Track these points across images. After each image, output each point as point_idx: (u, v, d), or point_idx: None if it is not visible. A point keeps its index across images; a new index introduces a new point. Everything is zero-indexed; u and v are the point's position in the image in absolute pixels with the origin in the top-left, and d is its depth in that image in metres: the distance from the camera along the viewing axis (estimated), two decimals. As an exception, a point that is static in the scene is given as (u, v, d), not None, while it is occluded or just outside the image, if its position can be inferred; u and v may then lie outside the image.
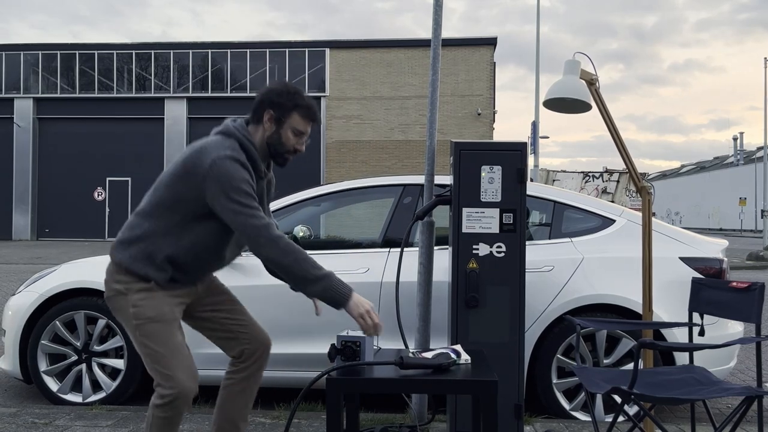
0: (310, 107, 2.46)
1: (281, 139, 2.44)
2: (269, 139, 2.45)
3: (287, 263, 2.26)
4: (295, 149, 2.48)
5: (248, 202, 2.29)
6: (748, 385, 3.76)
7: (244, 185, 2.29)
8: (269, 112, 2.43)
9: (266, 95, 2.45)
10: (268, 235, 2.27)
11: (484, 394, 2.12)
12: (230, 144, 2.37)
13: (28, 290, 4.25)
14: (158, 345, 2.34)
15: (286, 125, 2.44)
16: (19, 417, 3.66)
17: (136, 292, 2.37)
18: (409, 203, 4.21)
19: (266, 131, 2.45)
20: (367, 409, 4.27)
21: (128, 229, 2.43)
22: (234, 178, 2.28)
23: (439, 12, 3.70)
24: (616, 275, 3.90)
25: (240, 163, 2.32)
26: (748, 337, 2.62)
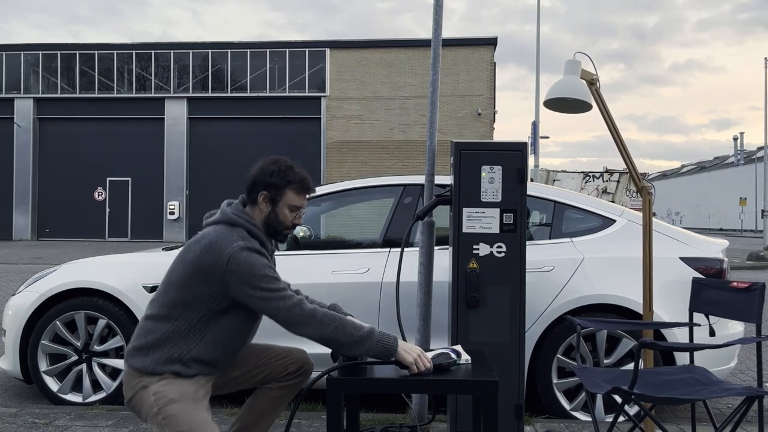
0: (303, 180, 2.45)
1: (279, 217, 2.44)
2: (267, 219, 2.44)
3: (329, 334, 2.23)
4: (293, 224, 2.47)
5: (275, 286, 2.26)
6: (749, 385, 3.76)
7: (267, 270, 2.27)
8: (263, 193, 2.42)
9: (258, 177, 2.42)
10: (302, 312, 2.24)
11: (484, 394, 2.12)
12: (239, 233, 2.35)
13: (28, 290, 4.25)
14: (181, 424, 2.22)
15: (282, 203, 2.43)
16: (19, 417, 3.66)
17: (157, 382, 2.29)
18: (410, 203, 4.21)
19: (263, 212, 2.44)
20: (368, 409, 4.27)
21: (143, 335, 2.34)
22: (255, 267, 2.25)
23: (440, 12, 3.70)
24: (617, 275, 3.90)
25: (256, 251, 2.30)
26: (748, 337, 2.62)
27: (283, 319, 2.24)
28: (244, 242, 2.29)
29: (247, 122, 26.91)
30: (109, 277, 4.12)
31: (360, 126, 26.73)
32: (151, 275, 4.09)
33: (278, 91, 26.89)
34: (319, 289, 3.99)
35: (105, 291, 4.09)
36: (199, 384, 2.33)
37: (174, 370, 2.29)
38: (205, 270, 2.27)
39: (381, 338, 2.23)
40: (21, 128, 27.36)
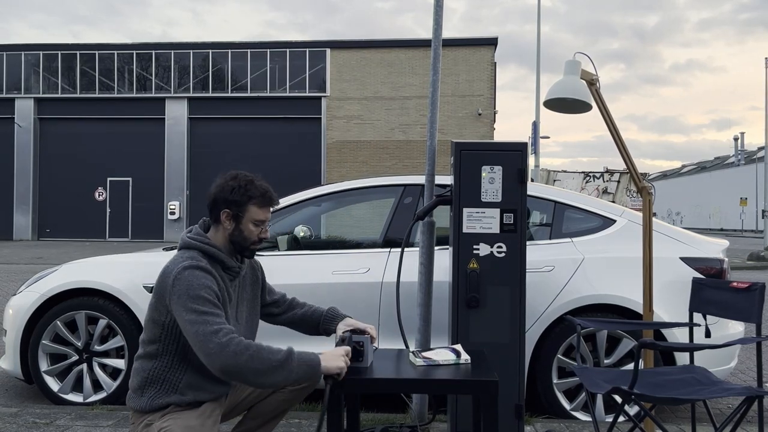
0: (265, 193, 2.38)
1: (244, 234, 2.38)
2: (231, 236, 2.38)
3: (242, 363, 2.07)
4: (260, 238, 2.41)
5: (206, 308, 2.16)
6: (749, 385, 3.76)
7: (204, 291, 2.18)
8: (225, 211, 2.36)
9: (218, 195, 2.37)
10: (218, 340, 2.09)
11: (484, 395, 2.12)
12: (189, 255, 2.30)
13: (29, 290, 4.25)
14: None
15: (245, 219, 2.37)
16: (20, 417, 3.66)
17: (160, 418, 2.25)
18: (410, 203, 4.21)
19: (227, 230, 2.38)
20: (368, 409, 4.27)
21: (135, 375, 2.34)
22: (192, 287, 2.18)
23: (440, 12, 3.70)
24: (617, 275, 3.90)
25: (201, 269, 2.24)
26: (748, 337, 2.62)
27: (197, 346, 2.12)
28: (189, 261, 2.25)
29: (248, 122, 26.91)
30: (110, 277, 4.13)
31: (360, 126, 26.73)
32: (151, 275, 4.10)
33: (279, 91, 26.90)
34: (320, 290, 3.99)
35: (105, 291, 4.10)
36: (204, 415, 2.28)
37: (172, 401, 2.26)
38: (159, 297, 2.26)
39: (302, 357, 2.13)
40: (22, 128, 27.37)
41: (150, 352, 2.31)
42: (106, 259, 4.36)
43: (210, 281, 2.23)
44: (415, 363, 2.33)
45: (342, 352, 2.18)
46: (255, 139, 26.81)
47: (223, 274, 2.36)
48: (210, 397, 2.34)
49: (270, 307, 2.71)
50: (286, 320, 2.72)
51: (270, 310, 2.71)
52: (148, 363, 2.31)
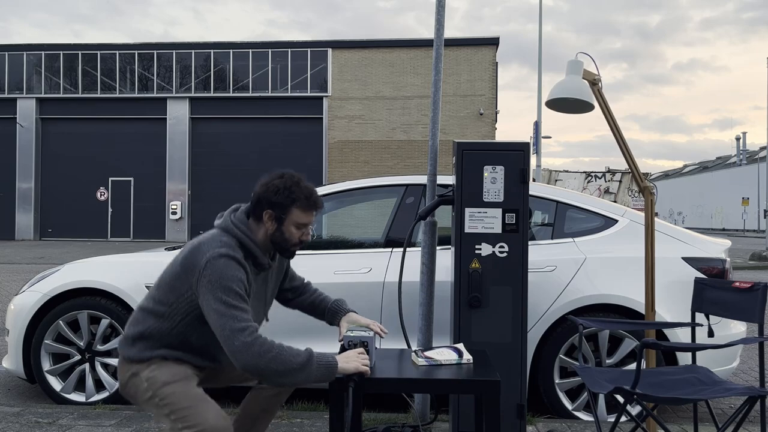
0: (310, 197, 2.35)
1: (285, 235, 2.35)
2: (272, 237, 2.36)
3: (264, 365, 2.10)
4: (300, 241, 2.39)
5: (235, 302, 2.17)
6: (751, 385, 3.75)
7: (235, 285, 2.19)
8: (268, 212, 2.33)
9: (263, 194, 2.34)
10: (243, 341, 2.12)
11: (486, 394, 2.12)
12: (227, 241, 2.28)
13: (31, 290, 4.26)
14: (180, 402, 2.22)
15: (288, 222, 2.34)
16: (22, 416, 3.67)
17: (145, 369, 2.29)
18: (412, 203, 4.21)
19: (268, 230, 2.35)
20: (370, 408, 4.27)
21: (133, 324, 2.35)
22: (225, 277, 2.18)
23: (442, 12, 3.70)
24: (619, 275, 3.90)
25: (236, 261, 2.23)
26: (750, 337, 2.62)
27: (223, 340, 2.14)
28: (226, 250, 2.23)
29: (249, 122, 26.92)
30: (112, 277, 4.13)
31: (362, 126, 26.74)
32: (153, 275, 4.10)
33: (280, 91, 26.91)
34: (322, 289, 4.00)
35: (108, 291, 4.10)
36: (187, 367, 2.34)
37: (160, 354, 2.31)
38: (186, 270, 2.25)
39: (321, 359, 2.15)
40: (23, 128, 27.40)
41: (156, 311, 2.31)
42: (108, 258, 4.36)
43: (242, 274, 2.23)
44: (417, 363, 2.34)
45: (356, 354, 2.20)
46: (257, 139, 26.82)
47: (252, 268, 2.35)
48: (196, 364, 2.38)
49: (286, 292, 2.75)
50: (296, 305, 2.76)
51: (285, 294, 2.75)
52: (150, 319, 2.32)
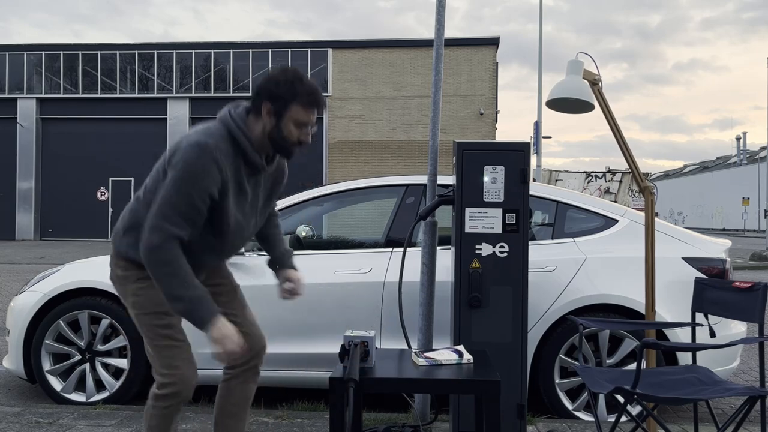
0: (312, 93, 2.24)
1: (283, 133, 2.24)
2: (270, 133, 2.25)
3: (156, 276, 2.14)
4: (299, 141, 2.28)
5: (181, 200, 2.14)
6: (751, 385, 3.75)
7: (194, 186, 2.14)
8: (267, 105, 2.23)
9: (263, 86, 2.24)
10: (157, 240, 2.12)
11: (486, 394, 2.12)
12: (215, 130, 2.22)
13: (31, 290, 4.26)
14: (155, 339, 2.29)
15: (287, 118, 2.23)
16: (22, 416, 3.67)
17: (134, 281, 2.32)
18: (412, 203, 4.22)
19: (266, 125, 2.25)
20: (370, 408, 4.28)
21: (126, 214, 2.36)
22: (190, 172, 2.13)
23: (442, 12, 3.70)
24: (619, 275, 3.90)
25: (210, 155, 2.15)
26: (751, 337, 2.62)
27: (146, 225, 2.15)
28: (206, 138, 2.17)
29: (250, 122, 26.92)
30: (113, 277, 4.13)
31: (362, 126, 26.74)
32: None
33: (280, 91, 26.90)
34: (322, 289, 4.00)
35: (108, 291, 4.10)
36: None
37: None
38: (171, 152, 2.23)
39: (197, 309, 2.14)
40: (24, 128, 27.41)
41: (145, 199, 2.29)
42: (108, 259, 4.36)
43: (211, 177, 2.16)
44: (418, 363, 2.34)
45: (230, 333, 2.16)
46: (257, 139, 26.81)
47: (242, 166, 2.27)
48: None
49: None
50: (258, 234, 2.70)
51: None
52: (141, 208, 2.30)
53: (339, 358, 2.27)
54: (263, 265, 4.07)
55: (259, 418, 3.68)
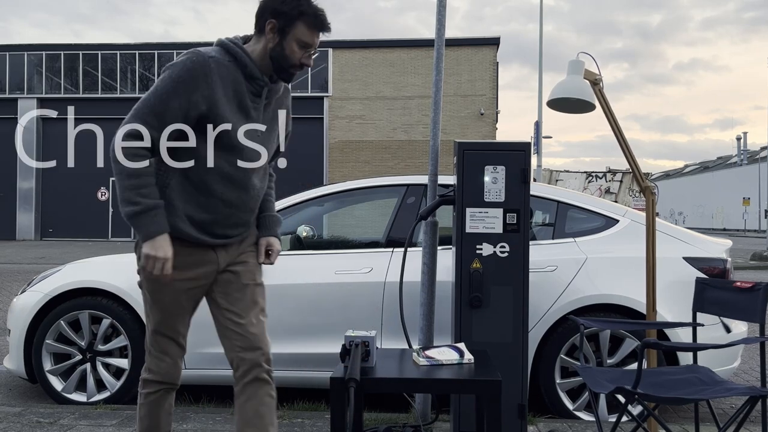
0: (317, 14, 2.18)
1: (285, 52, 2.18)
2: (272, 51, 2.19)
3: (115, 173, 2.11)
4: (301, 63, 2.21)
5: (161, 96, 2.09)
6: (752, 385, 3.75)
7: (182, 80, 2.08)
8: (271, 21, 2.17)
9: (268, 3, 2.18)
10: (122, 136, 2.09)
11: (487, 394, 2.12)
12: (212, 48, 2.18)
13: (32, 290, 4.26)
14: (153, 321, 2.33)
15: (290, 36, 2.17)
16: (23, 416, 3.67)
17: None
18: (413, 203, 4.21)
19: (269, 43, 2.18)
20: (371, 408, 4.28)
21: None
22: (177, 67, 2.10)
23: (443, 12, 3.70)
24: (620, 275, 3.90)
25: (201, 58, 2.11)
26: (752, 337, 2.62)
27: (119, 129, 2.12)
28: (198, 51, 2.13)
29: (250, 122, 26.92)
30: (113, 277, 4.13)
31: (362, 126, 26.74)
32: (154, 275, 4.10)
33: (281, 91, 26.92)
34: (323, 289, 3.99)
35: (109, 291, 4.10)
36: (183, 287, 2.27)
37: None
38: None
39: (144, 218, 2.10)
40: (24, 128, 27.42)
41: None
42: (109, 258, 4.37)
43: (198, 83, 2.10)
44: (419, 362, 2.34)
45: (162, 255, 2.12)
46: (257, 139, 26.82)
47: (244, 82, 2.20)
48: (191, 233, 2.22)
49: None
50: None
51: None
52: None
53: (340, 357, 2.27)
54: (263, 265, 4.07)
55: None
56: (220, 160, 2.20)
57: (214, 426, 3.57)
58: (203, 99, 2.12)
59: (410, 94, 26.59)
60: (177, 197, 2.21)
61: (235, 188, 2.24)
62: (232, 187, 2.24)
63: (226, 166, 2.21)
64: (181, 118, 2.13)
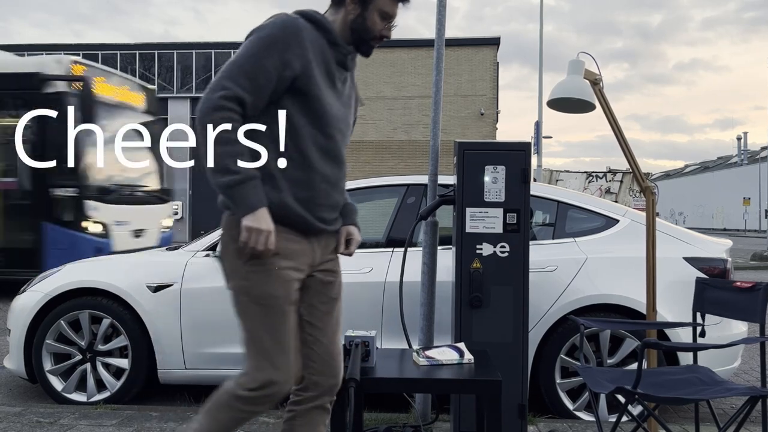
0: None
1: (366, 23, 2.10)
2: (353, 23, 2.10)
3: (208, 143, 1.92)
4: (381, 35, 2.13)
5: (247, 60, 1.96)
6: (752, 385, 3.75)
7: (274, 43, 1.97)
8: None
9: None
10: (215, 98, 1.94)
11: (487, 394, 2.12)
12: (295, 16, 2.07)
13: (32, 290, 4.26)
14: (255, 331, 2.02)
15: (372, 6, 2.09)
16: (24, 416, 3.67)
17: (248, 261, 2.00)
18: (413, 203, 4.21)
19: (349, 14, 2.10)
20: (371, 408, 4.27)
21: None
22: (268, 28, 1.99)
23: (443, 12, 3.70)
24: (620, 275, 3.90)
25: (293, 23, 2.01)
26: (752, 337, 2.62)
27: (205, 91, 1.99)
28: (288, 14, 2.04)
29: (250, 122, 26.94)
30: (113, 277, 4.13)
31: (363, 126, 26.75)
32: (154, 275, 4.10)
33: (281, 91, 26.95)
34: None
35: (109, 291, 4.10)
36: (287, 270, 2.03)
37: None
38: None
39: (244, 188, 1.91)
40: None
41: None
42: (110, 258, 4.37)
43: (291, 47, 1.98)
44: (419, 362, 2.34)
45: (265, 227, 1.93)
46: (257, 139, 26.85)
47: (328, 49, 2.09)
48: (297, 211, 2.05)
49: None
50: None
51: None
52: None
53: None
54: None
55: (260, 419, 3.68)
56: (314, 130, 2.07)
57: None
58: (296, 58, 2.00)
59: (410, 94, 26.60)
60: (277, 171, 2.04)
61: (330, 162, 2.13)
62: (328, 160, 2.12)
63: (321, 138, 2.09)
64: (275, 80, 1.99)
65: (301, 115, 2.03)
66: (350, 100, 2.22)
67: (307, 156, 2.05)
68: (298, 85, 2.01)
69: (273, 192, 2.01)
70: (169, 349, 4.02)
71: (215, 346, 3.98)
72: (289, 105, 2.02)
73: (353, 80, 2.26)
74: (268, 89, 1.99)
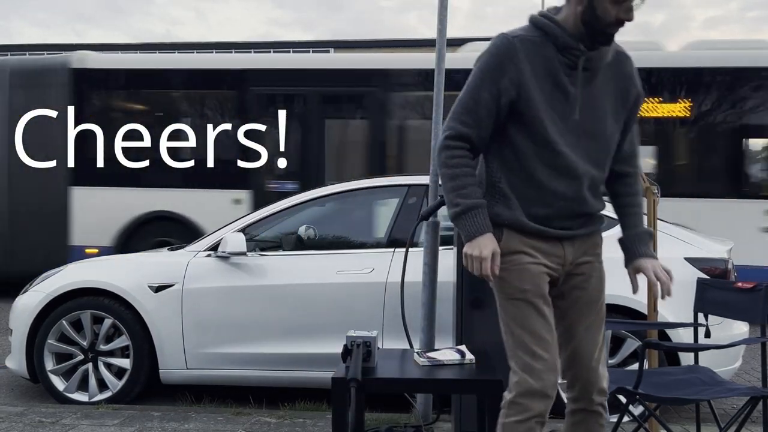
0: None
1: (596, 12, 1.96)
2: (582, 16, 1.98)
3: (441, 177, 2.09)
4: (618, 19, 1.97)
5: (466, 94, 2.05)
6: (753, 385, 3.75)
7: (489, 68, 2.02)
8: None
9: None
10: (443, 139, 2.07)
11: (489, 394, 2.12)
12: (519, 28, 2.07)
13: (34, 290, 4.26)
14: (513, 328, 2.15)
15: None
16: (25, 416, 3.68)
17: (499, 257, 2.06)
18: (414, 203, 4.22)
19: (577, 7, 1.99)
20: (372, 408, 4.28)
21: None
22: (483, 57, 2.05)
23: (444, 12, 3.70)
24: (621, 275, 3.89)
25: (506, 41, 2.01)
26: (753, 338, 2.62)
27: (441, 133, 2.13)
28: (509, 31, 2.05)
29: (252, 122, 26.93)
30: (115, 277, 4.14)
31: (364, 126, 26.74)
32: (156, 275, 4.11)
33: (282, 91, 26.92)
34: (324, 289, 4.00)
35: (111, 291, 4.11)
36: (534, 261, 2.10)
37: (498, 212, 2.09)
38: None
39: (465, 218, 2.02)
40: (26, 128, 27.45)
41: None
42: (112, 258, 4.38)
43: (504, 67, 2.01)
44: (420, 363, 2.34)
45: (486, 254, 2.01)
46: (259, 139, 26.83)
47: (556, 56, 2.03)
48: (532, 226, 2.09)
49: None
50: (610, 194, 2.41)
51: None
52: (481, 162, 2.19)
53: (341, 358, 2.28)
54: (264, 264, 4.08)
55: (261, 418, 3.69)
56: (538, 148, 2.06)
57: (215, 426, 3.57)
58: (511, 83, 2.02)
59: (411, 94, 26.59)
60: (510, 192, 2.10)
61: (561, 177, 2.08)
62: (558, 176, 2.08)
63: (547, 155, 2.06)
64: (495, 109, 2.04)
65: (523, 136, 2.06)
66: (598, 100, 2.11)
67: (533, 174, 2.08)
68: (516, 108, 2.05)
69: (507, 211, 2.09)
70: (170, 349, 4.02)
71: (217, 347, 3.99)
72: (510, 126, 2.07)
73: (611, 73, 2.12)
74: (491, 119, 2.06)
